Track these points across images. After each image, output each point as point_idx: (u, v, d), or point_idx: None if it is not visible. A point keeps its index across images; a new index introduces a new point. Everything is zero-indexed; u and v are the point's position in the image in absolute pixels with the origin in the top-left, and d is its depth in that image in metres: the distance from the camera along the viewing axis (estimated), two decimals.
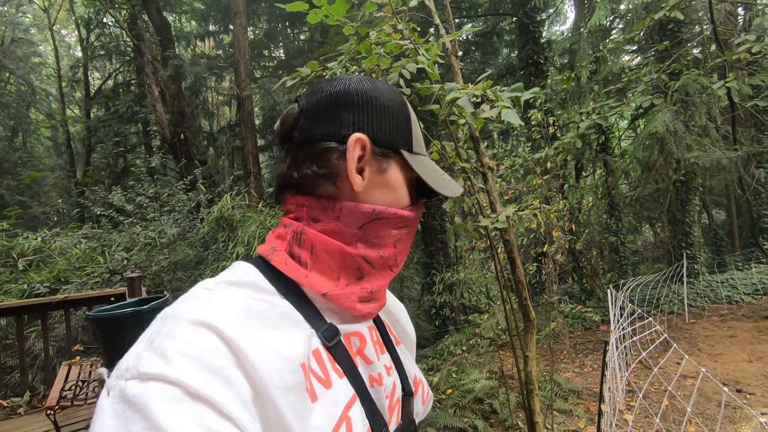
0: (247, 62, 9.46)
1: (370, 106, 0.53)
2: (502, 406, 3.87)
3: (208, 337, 0.39)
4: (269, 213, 5.99)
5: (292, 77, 2.01)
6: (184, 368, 0.36)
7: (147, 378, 0.36)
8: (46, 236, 6.04)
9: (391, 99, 0.55)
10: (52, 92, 14.86)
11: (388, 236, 0.53)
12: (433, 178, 0.56)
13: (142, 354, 0.38)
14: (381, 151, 0.53)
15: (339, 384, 0.48)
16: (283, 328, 0.46)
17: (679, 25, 7.64)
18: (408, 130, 0.56)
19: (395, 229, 0.54)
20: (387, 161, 0.54)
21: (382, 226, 0.52)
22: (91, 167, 12.23)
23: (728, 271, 8.83)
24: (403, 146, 0.55)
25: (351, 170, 0.50)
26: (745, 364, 4.79)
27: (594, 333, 6.84)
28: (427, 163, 0.58)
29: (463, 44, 11.71)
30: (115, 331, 1.56)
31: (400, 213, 0.53)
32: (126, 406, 0.34)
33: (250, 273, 0.50)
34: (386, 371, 0.57)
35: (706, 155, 5.59)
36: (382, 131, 0.53)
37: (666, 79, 4.38)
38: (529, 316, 2.19)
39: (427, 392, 0.66)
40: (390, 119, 0.54)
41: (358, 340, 0.55)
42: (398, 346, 0.65)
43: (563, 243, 4.11)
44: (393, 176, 0.54)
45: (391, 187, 0.54)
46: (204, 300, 0.45)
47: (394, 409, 0.56)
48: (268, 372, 0.41)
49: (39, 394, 3.62)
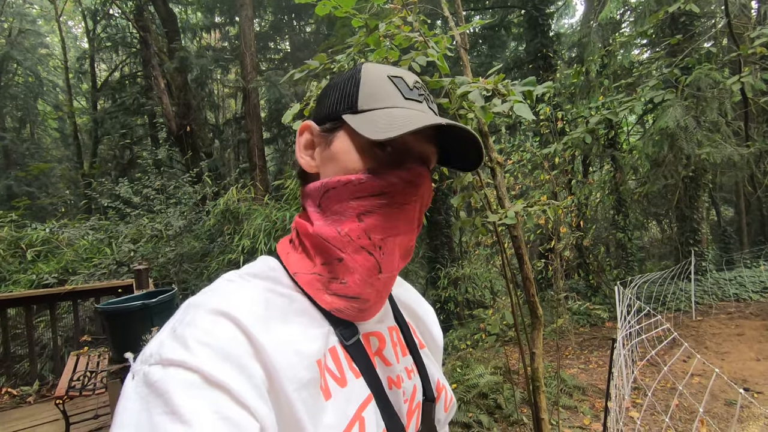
0: (252, 54, 9.43)
1: (322, 93, 0.55)
2: (506, 401, 3.87)
3: (228, 326, 0.41)
4: (275, 206, 5.99)
5: (300, 70, 1.99)
6: (204, 356, 0.37)
7: (168, 364, 0.37)
8: (54, 227, 6.09)
9: (344, 74, 0.54)
10: (59, 84, 14.91)
11: (345, 209, 0.48)
12: (373, 124, 0.46)
13: (164, 341, 0.39)
14: (326, 126, 0.52)
15: (355, 383, 0.48)
16: (301, 323, 0.47)
17: (691, 19, 7.51)
18: (354, 92, 0.51)
19: (353, 200, 0.48)
20: (333, 134, 0.52)
21: (333, 197, 0.49)
22: (98, 159, 12.30)
23: (736, 269, 8.75)
24: (346, 110, 0.50)
25: (297, 155, 0.54)
26: (753, 363, 4.75)
27: (600, 329, 6.81)
28: (377, 114, 0.48)
29: (470, 37, 11.60)
30: (124, 323, 1.57)
31: (345, 179, 0.48)
32: (149, 390, 0.36)
33: (274, 267, 0.51)
34: (407, 374, 0.56)
35: (717, 151, 5.51)
36: (325, 109, 0.53)
37: (678, 74, 4.31)
38: (537, 312, 2.17)
39: (450, 399, 0.63)
40: (335, 92, 0.53)
41: (378, 340, 0.54)
42: (422, 350, 0.63)
43: (571, 239, 4.08)
44: (337, 145, 0.51)
45: (336, 157, 0.50)
46: (225, 291, 0.46)
47: (413, 414, 0.55)
48: (283, 366, 0.41)
49: (48, 384, 3.67)
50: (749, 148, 5.38)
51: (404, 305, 0.65)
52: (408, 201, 0.49)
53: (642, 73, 5.11)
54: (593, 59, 6.34)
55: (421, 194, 0.50)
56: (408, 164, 0.49)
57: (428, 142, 0.51)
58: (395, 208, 0.48)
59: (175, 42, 9.38)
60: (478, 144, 0.49)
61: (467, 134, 0.48)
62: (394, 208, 0.48)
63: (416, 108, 0.50)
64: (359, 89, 0.51)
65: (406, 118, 0.46)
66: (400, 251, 0.50)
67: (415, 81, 0.53)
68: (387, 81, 0.51)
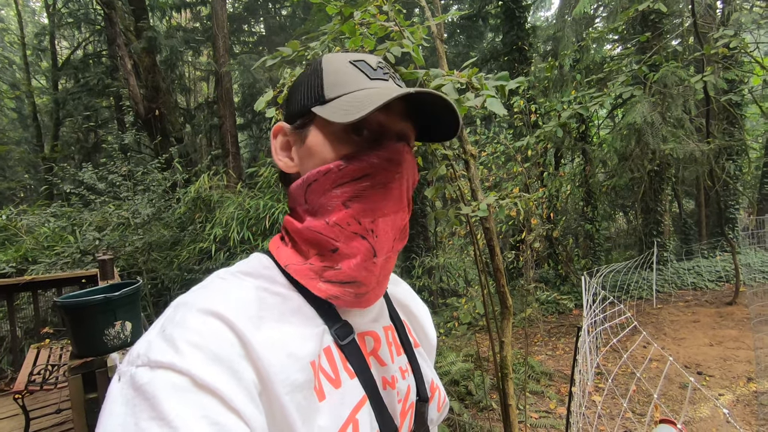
0: (225, 36, 9.12)
1: (290, 91, 0.55)
2: (477, 388, 3.98)
3: (219, 327, 0.39)
4: (248, 194, 5.87)
5: (272, 56, 1.94)
6: (193, 358, 0.36)
7: (157, 366, 0.36)
8: (11, 214, 5.78)
9: (306, 71, 0.54)
10: (15, 61, 14.02)
11: (330, 198, 0.48)
12: (343, 109, 0.46)
13: (153, 341, 0.38)
14: (298, 123, 0.52)
15: (349, 384, 0.47)
16: (295, 323, 0.46)
17: (660, 17, 7.72)
18: (318, 84, 0.50)
19: (336, 188, 0.47)
20: (305, 129, 0.51)
21: (316, 190, 0.48)
22: (60, 142, 11.68)
23: (695, 259, 9.21)
24: (314, 103, 0.50)
25: (275, 158, 0.53)
26: (707, 348, 5.04)
27: (567, 317, 7.06)
28: (345, 99, 0.47)
29: (447, 27, 11.59)
30: (85, 317, 1.51)
31: (323, 168, 0.48)
32: (135, 393, 0.35)
33: (266, 265, 0.50)
34: (401, 374, 0.55)
35: (680, 147, 5.74)
36: (293, 106, 0.53)
37: (646, 71, 4.44)
38: (506, 303, 2.23)
39: (443, 399, 0.64)
40: (301, 88, 0.52)
41: (373, 340, 0.54)
42: (417, 349, 0.62)
43: (541, 231, 4.19)
44: (312, 139, 0.50)
45: (312, 151, 0.50)
46: (217, 289, 0.44)
47: (406, 414, 0.55)
48: (275, 368, 0.40)
49: (6, 377, 3.52)
50: (710, 144, 5.63)
51: (399, 303, 0.65)
52: (392, 179, 0.48)
53: (613, 69, 5.24)
54: (567, 53, 6.46)
55: (404, 170, 0.49)
56: (385, 142, 0.48)
57: (403, 120, 0.51)
58: (380, 188, 0.48)
59: (142, 21, 8.94)
60: (452, 108, 0.48)
61: (439, 100, 0.47)
62: (379, 189, 0.48)
63: (383, 86, 0.50)
64: (323, 79, 0.50)
65: (375, 95, 0.45)
66: (393, 232, 0.49)
67: (378, 61, 0.53)
68: (349, 66, 0.51)
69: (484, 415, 3.67)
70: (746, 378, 4.16)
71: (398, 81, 0.53)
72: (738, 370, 4.34)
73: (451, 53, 11.61)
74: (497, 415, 3.60)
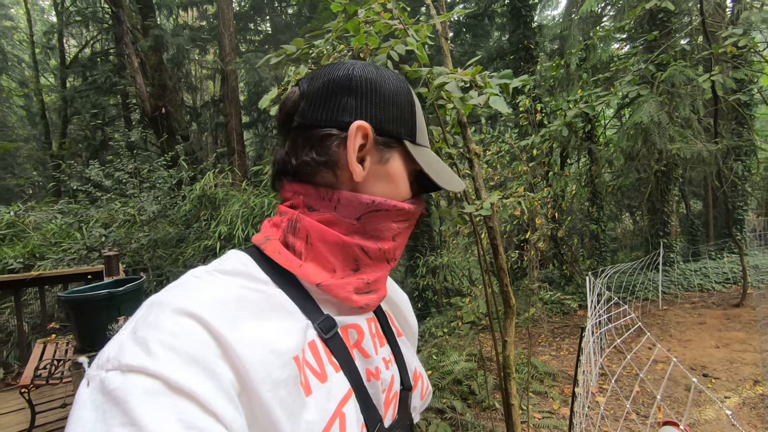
0: (231, 35, 9.15)
1: (374, 94, 0.51)
2: (480, 387, 3.97)
3: (193, 327, 0.38)
4: (253, 192, 5.90)
5: (276, 54, 1.95)
6: (167, 360, 0.35)
7: (128, 370, 0.34)
8: (19, 210, 5.84)
9: (396, 87, 0.53)
10: (24, 59, 14.18)
11: (387, 229, 0.51)
12: (436, 171, 0.54)
13: (124, 344, 0.36)
14: (383, 140, 0.51)
15: (335, 378, 0.47)
16: (277, 319, 0.45)
17: (668, 15, 7.64)
18: (412, 121, 0.53)
19: (394, 222, 0.52)
20: (389, 151, 0.52)
21: (381, 218, 0.51)
22: (68, 139, 11.80)
23: (702, 260, 9.12)
24: (406, 137, 0.53)
25: (351, 159, 0.48)
26: (713, 350, 4.99)
27: (571, 318, 7.03)
28: (430, 156, 0.56)
29: (453, 26, 11.54)
30: (89, 312, 1.52)
31: (400, 206, 0.51)
32: (105, 398, 0.33)
33: (244, 262, 0.49)
34: (384, 365, 0.56)
35: (688, 147, 5.69)
36: (385, 120, 0.51)
37: (653, 70, 4.40)
38: (510, 302, 2.22)
39: (426, 386, 0.65)
40: (394, 108, 0.52)
41: (356, 332, 0.54)
42: (399, 338, 0.63)
43: (546, 230, 4.17)
44: (394, 167, 0.52)
45: (392, 179, 0.52)
46: (192, 288, 0.43)
47: (390, 404, 0.55)
48: (255, 366, 0.39)
49: (13, 372, 3.56)
50: (717, 144, 5.57)
51: None
52: (415, 221, 0.57)
53: (619, 68, 5.20)
54: (573, 52, 6.41)
55: None
56: (420, 195, 0.59)
57: None
58: (411, 229, 0.56)
59: (149, 19, 9.00)
60: None
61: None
62: (410, 229, 0.56)
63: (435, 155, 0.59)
64: (416, 120, 0.54)
65: (447, 174, 0.57)
66: None
67: None
68: (423, 116, 0.57)
69: (487, 415, 3.66)
70: (753, 381, 4.12)
71: None
72: (744, 373, 4.30)
73: (456, 52, 11.57)
74: (500, 415, 3.59)
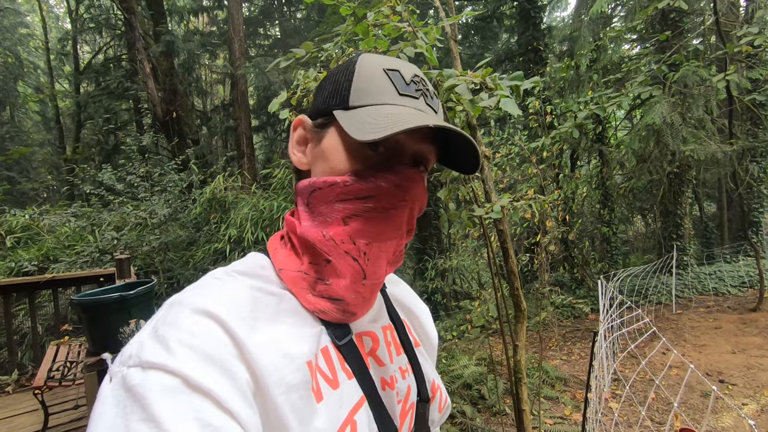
0: (241, 40, 9.25)
1: (320, 84, 0.53)
2: (490, 392, 3.93)
3: (211, 327, 0.39)
4: (262, 195, 5.93)
5: (286, 58, 1.96)
6: (186, 358, 0.36)
7: (148, 366, 0.35)
8: (34, 213, 5.95)
9: (341, 66, 0.52)
10: (40, 65, 14.47)
11: (331, 211, 0.46)
12: (362, 123, 0.44)
13: (145, 342, 0.38)
14: (318, 122, 0.50)
15: (347, 385, 0.47)
16: (291, 323, 0.45)
17: (680, 15, 7.54)
18: (346, 86, 0.48)
19: (339, 202, 0.46)
20: (324, 130, 0.50)
21: (319, 198, 0.47)
22: (81, 144, 12.01)
23: (716, 264, 8.95)
24: (337, 106, 0.48)
25: (290, 150, 0.53)
26: (729, 356, 4.89)
27: (583, 321, 6.94)
28: (367, 112, 0.45)
29: (462, 28, 11.52)
30: (101, 315, 1.53)
31: (330, 180, 0.46)
32: (127, 394, 0.34)
33: (264, 265, 0.49)
34: (401, 374, 0.54)
35: (701, 148, 5.59)
36: (321, 101, 0.51)
37: (666, 70, 4.34)
38: (521, 306, 2.19)
39: (445, 399, 0.62)
40: (330, 84, 0.50)
41: (371, 340, 0.53)
42: (417, 348, 0.61)
43: (556, 233, 4.13)
44: (327, 143, 0.49)
45: (325, 155, 0.49)
46: (211, 289, 0.44)
47: (407, 415, 0.54)
48: (269, 369, 0.40)
49: (27, 373, 3.61)
50: (732, 145, 5.47)
51: (399, 302, 0.64)
52: (395, 205, 0.47)
53: (631, 69, 5.14)
54: (584, 53, 6.36)
55: (412, 198, 0.48)
56: (397, 166, 0.47)
57: (424, 141, 0.49)
58: (381, 212, 0.46)
59: (161, 25, 9.13)
60: (475, 147, 0.47)
61: (463, 137, 0.46)
62: (381, 213, 0.46)
63: (410, 105, 0.48)
64: (351, 83, 0.48)
65: (397, 117, 0.43)
66: (388, 257, 0.48)
67: (413, 75, 0.50)
68: (382, 75, 0.48)
69: (497, 420, 3.62)
70: None
71: (430, 99, 0.51)
72: (762, 379, 4.19)
73: (465, 54, 11.55)
74: (510, 420, 3.55)
